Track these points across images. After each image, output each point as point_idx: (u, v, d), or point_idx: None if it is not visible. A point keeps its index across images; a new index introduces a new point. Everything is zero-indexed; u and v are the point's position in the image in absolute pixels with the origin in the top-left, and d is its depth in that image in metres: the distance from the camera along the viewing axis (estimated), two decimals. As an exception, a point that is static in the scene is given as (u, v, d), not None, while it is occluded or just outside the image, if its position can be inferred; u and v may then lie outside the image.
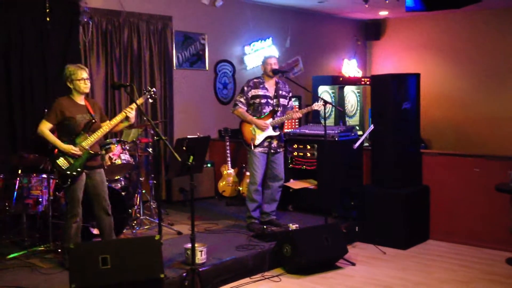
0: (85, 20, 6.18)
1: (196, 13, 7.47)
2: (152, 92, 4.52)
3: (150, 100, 4.73)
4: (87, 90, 4.36)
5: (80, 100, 4.35)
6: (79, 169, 4.21)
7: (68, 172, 4.17)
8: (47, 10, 5.74)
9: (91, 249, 3.79)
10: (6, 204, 4.88)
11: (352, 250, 5.24)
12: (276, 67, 5.35)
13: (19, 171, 4.89)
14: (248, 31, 8.17)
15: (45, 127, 4.21)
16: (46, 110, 4.57)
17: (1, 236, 5.01)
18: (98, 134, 4.29)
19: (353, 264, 4.93)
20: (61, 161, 4.17)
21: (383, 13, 9.43)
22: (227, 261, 4.52)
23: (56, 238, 4.77)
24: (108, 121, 4.42)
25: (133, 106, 4.32)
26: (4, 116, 5.62)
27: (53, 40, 5.91)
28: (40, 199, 4.88)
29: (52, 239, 4.75)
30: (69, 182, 4.20)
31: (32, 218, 5.01)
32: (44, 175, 4.90)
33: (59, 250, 4.61)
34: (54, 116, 4.23)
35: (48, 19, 5.78)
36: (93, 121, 4.29)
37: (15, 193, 4.87)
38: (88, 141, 4.24)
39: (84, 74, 4.30)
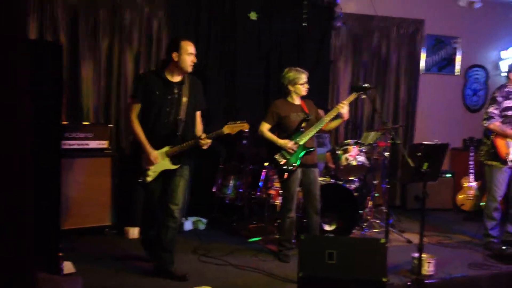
0: (339, 25, 6.45)
1: (451, 15, 7.16)
2: (367, 85, 4.44)
3: (363, 96, 4.65)
4: (305, 93, 4.54)
5: (296, 101, 4.56)
6: (294, 164, 4.42)
7: (285, 167, 4.41)
8: (305, 16, 6.17)
9: (319, 242, 3.90)
10: (252, 192, 5.47)
11: None
12: None
13: (266, 164, 5.36)
14: (508, 34, 7.46)
15: (264, 128, 4.51)
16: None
17: (246, 220, 5.60)
18: (313, 130, 4.44)
19: None
20: (278, 156, 4.43)
21: None
22: (457, 278, 4.25)
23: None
24: (322, 118, 4.50)
25: (346, 102, 4.38)
26: (260, 112, 6.22)
27: (307, 43, 6.35)
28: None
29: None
30: (285, 176, 4.42)
31: (273, 207, 5.38)
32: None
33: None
34: (271, 117, 4.51)
35: (305, 24, 6.22)
36: (307, 118, 4.45)
37: (261, 183, 5.41)
38: (303, 137, 4.44)
39: (304, 78, 4.51)
